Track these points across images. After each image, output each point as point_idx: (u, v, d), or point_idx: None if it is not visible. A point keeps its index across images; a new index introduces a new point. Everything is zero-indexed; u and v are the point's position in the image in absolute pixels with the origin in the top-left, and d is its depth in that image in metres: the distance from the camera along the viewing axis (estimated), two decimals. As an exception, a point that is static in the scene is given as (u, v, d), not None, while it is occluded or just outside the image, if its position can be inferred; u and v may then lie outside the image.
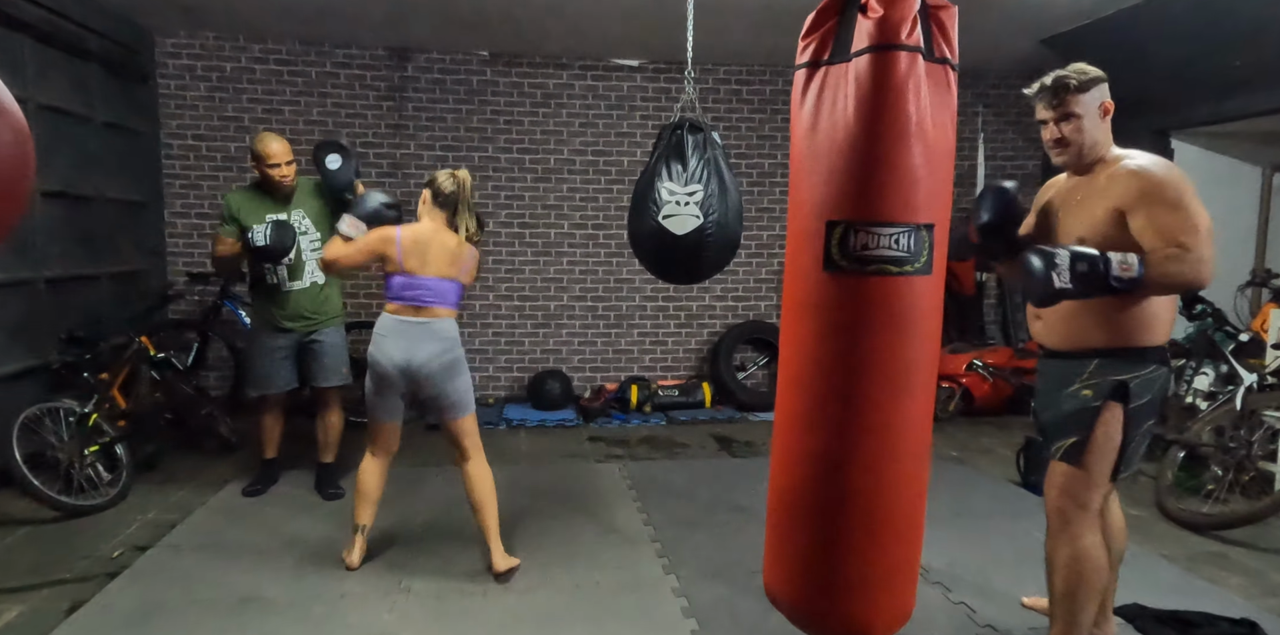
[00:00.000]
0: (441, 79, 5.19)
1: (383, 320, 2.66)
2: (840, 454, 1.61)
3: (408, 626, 2.38)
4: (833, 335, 1.57)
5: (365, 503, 2.76)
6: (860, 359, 1.55)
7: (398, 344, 2.61)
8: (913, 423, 1.60)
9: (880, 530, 1.63)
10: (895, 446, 1.60)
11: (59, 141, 3.93)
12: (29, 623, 2.37)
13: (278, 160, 3.24)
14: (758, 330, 5.58)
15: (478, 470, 2.75)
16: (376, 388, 2.66)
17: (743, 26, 4.51)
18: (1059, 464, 1.99)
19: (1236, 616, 2.39)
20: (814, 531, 1.67)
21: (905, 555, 1.68)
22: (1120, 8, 4.05)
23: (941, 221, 1.56)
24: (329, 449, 3.55)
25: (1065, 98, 1.92)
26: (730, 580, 2.69)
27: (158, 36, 4.86)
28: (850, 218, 1.50)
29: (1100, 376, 1.93)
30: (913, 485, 1.64)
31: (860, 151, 1.47)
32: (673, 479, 3.84)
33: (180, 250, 5.05)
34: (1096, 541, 1.97)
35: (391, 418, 2.72)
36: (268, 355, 3.38)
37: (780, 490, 1.76)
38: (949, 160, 1.56)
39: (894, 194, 1.48)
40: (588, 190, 5.43)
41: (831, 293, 1.55)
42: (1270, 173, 4.82)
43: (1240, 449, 3.27)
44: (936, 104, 1.49)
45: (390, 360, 2.61)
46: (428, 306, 2.63)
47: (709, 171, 2.66)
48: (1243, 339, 3.79)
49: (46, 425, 3.26)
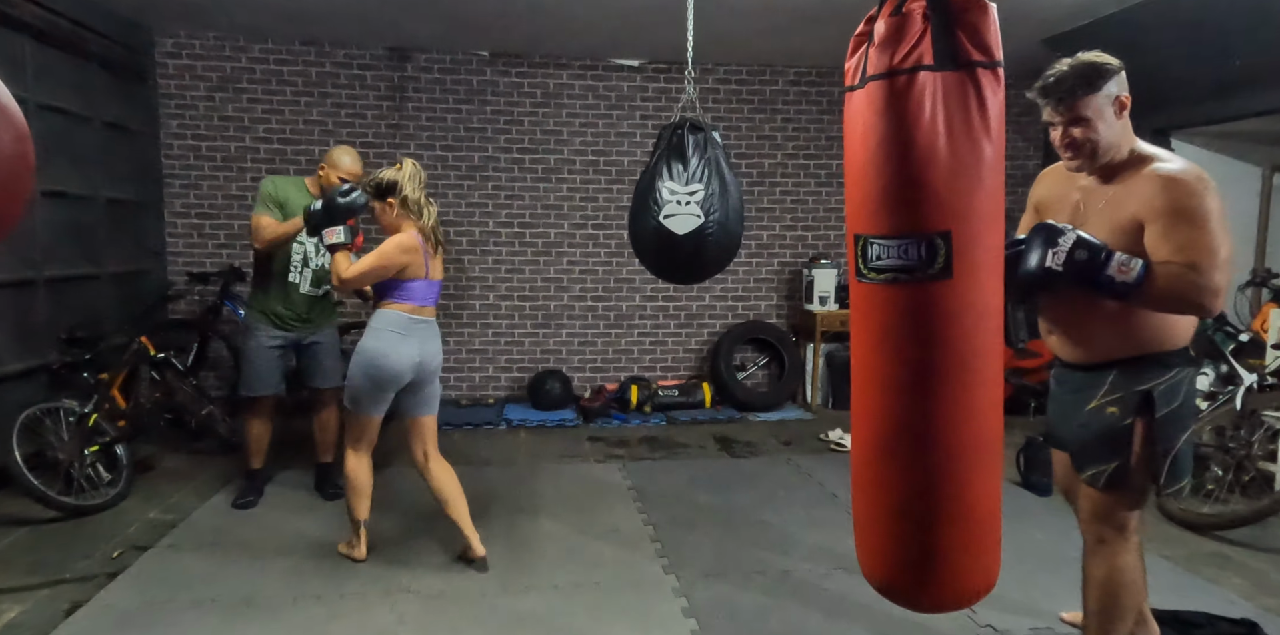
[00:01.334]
0: (441, 79, 5.19)
1: (394, 318, 2.64)
2: (874, 450, 1.68)
3: (408, 626, 2.38)
4: (864, 339, 1.68)
5: (363, 498, 2.77)
6: (887, 360, 1.63)
7: (414, 343, 2.65)
8: (938, 423, 1.61)
9: (914, 515, 1.65)
10: (921, 443, 1.61)
11: (59, 141, 3.93)
12: (29, 623, 2.37)
13: (347, 176, 3.19)
14: (758, 330, 5.58)
15: (442, 466, 2.82)
16: (378, 384, 2.65)
17: (743, 26, 4.51)
18: (1095, 491, 1.88)
19: (1236, 616, 2.40)
20: (868, 507, 1.72)
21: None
22: (1120, 8, 4.05)
23: (965, 224, 1.56)
24: (328, 448, 3.55)
25: (1073, 102, 1.74)
26: (730, 580, 2.69)
27: (158, 36, 4.86)
28: (867, 232, 1.60)
29: (1123, 389, 1.82)
30: (942, 480, 1.64)
31: (870, 172, 1.59)
32: (673, 479, 3.84)
33: (180, 250, 5.05)
34: (1133, 561, 1.90)
35: (382, 412, 2.75)
36: (263, 354, 3.36)
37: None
38: (976, 165, 1.54)
39: (901, 208, 1.57)
40: (588, 190, 5.43)
41: (863, 300, 1.66)
42: (1270, 173, 4.82)
43: (1240, 449, 3.27)
44: (954, 112, 1.52)
45: (408, 358, 2.64)
46: (431, 306, 2.75)
47: (710, 171, 2.67)
48: (1243, 339, 3.78)
49: (46, 425, 3.26)
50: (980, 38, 1.54)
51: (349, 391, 2.69)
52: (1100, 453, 1.86)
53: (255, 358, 3.37)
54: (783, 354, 5.56)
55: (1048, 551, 2.91)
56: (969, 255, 1.56)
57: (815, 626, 2.40)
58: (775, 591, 2.62)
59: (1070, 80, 1.75)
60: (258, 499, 3.49)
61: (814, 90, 5.57)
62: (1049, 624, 2.39)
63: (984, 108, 1.53)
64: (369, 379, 2.64)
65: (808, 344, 5.50)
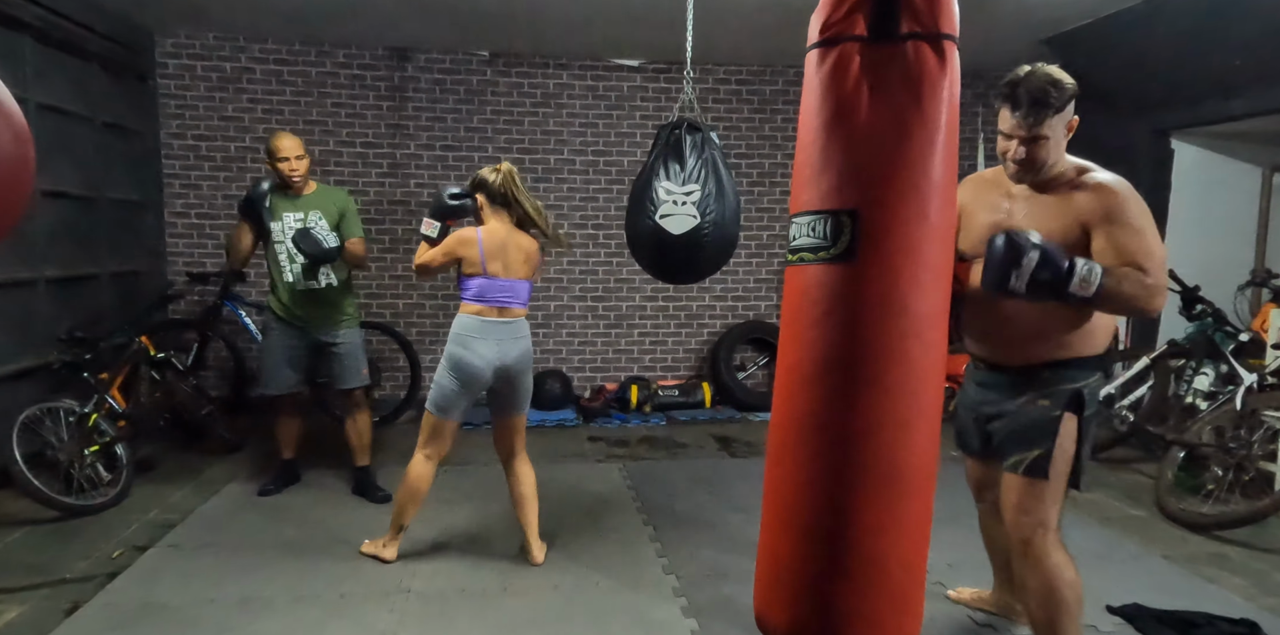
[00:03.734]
0: (441, 79, 5.19)
1: (466, 322, 2.67)
2: (775, 448, 1.69)
3: (408, 627, 2.38)
4: (785, 326, 1.67)
5: (414, 503, 2.76)
6: (795, 347, 1.60)
7: (489, 345, 2.65)
8: (829, 427, 1.53)
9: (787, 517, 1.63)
10: (813, 442, 1.56)
11: (59, 141, 3.93)
12: (29, 623, 2.37)
13: (286, 154, 3.28)
14: (758, 330, 5.58)
15: (525, 467, 2.84)
16: (462, 388, 2.66)
17: (743, 27, 4.50)
18: (1016, 478, 1.92)
19: (1236, 616, 2.40)
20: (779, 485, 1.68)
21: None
22: (1120, 8, 4.05)
23: (876, 207, 1.49)
24: (364, 452, 3.51)
25: (1041, 121, 1.77)
26: (730, 580, 2.69)
27: (158, 36, 4.86)
28: (791, 210, 1.62)
29: (1054, 384, 1.89)
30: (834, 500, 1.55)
31: (798, 146, 1.60)
32: (673, 479, 3.84)
33: (180, 250, 5.05)
34: (1064, 558, 1.93)
35: (460, 418, 2.74)
36: (278, 353, 3.37)
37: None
38: (885, 141, 1.47)
39: (809, 183, 1.54)
40: (588, 190, 5.43)
41: (786, 283, 1.65)
42: (1270, 173, 4.82)
43: (1240, 449, 3.27)
44: (875, 87, 1.46)
45: (485, 360, 2.64)
46: (509, 307, 2.69)
47: (707, 171, 2.67)
48: (1243, 339, 3.79)
49: (46, 425, 3.26)
50: (918, 10, 1.47)
51: (433, 395, 2.70)
52: (1025, 441, 1.92)
53: (270, 355, 3.40)
54: (783, 354, 5.55)
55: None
56: (881, 239, 1.46)
57: (815, 626, 2.40)
58: (775, 591, 2.62)
59: (1045, 98, 1.77)
60: (281, 488, 3.53)
61: (814, 90, 5.56)
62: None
63: (915, 81, 1.45)
64: (454, 382, 2.66)
65: (808, 344, 5.49)
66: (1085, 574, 2.72)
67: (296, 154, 3.30)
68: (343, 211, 3.39)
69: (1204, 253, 4.63)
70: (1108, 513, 3.39)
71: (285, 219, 3.31)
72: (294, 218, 3.32)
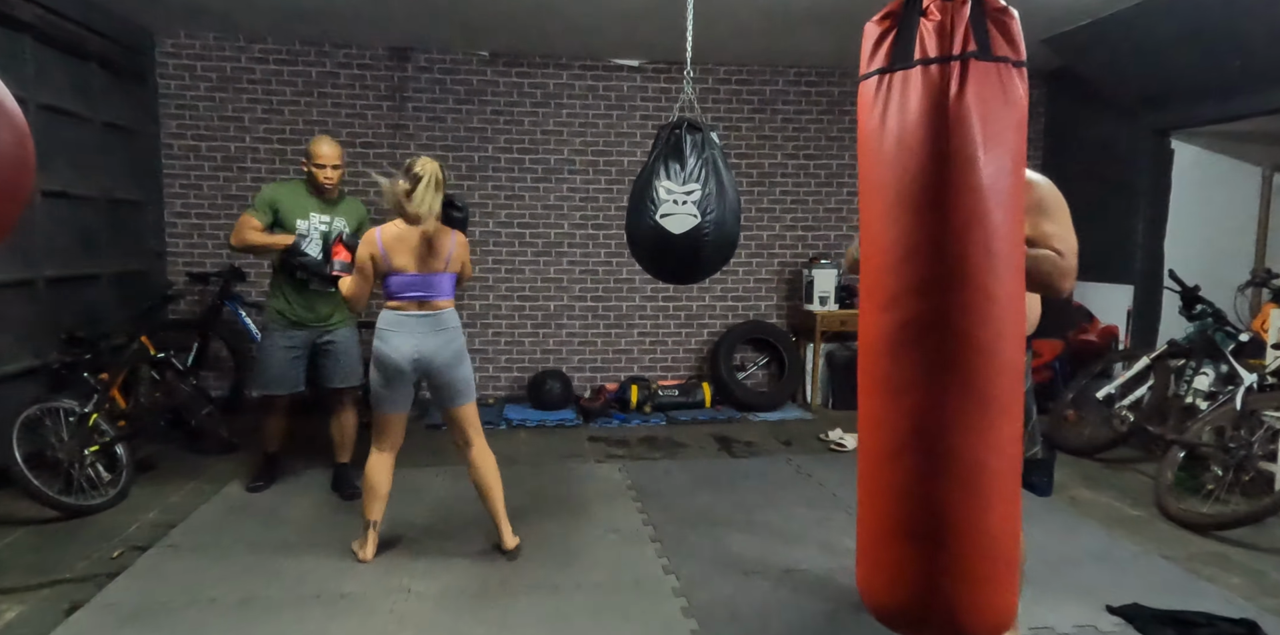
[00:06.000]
0: (441, 79, 5.19)
1: (385, 316, 2.72)
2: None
3: (408, 627, 2.38)
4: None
5: (376, 498, 2.81)
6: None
7: (405, 338, 2.69)
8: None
9: None
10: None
11: (59, 141, 3.93)
12: (29, 623, 2.37)
13: (325, 162, 3.31)
14: (758, 330, 5.58)
15: (482, 456, 2.87)
16: (386, 381, 2.73)
17: (743, 27, 4.51)
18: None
19: (1236, 616, 2.40)
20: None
21: None
22: (1120, 8, 4.05)
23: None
24: (345, 449, 3.56)
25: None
26: (730, 580, 2.70)
27: (158, 36, 4.86)
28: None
29: None
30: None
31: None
32: (673, 479, 3.84)
33: (180, 250, 5.05)
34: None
35: (399, 409, 2.79)
36: (281, 355, 3.38)
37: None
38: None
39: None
40: (588, 190, 5.43)
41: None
42: (1270, 173, 4.82)
43: (1240, 449, 3.27)
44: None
45: (401, 353, 2.68)
46: (428, 300, 2.72)
47: (707, 171, 2.66)
48: (1243, 339, 3.79)
49: (46, 425, 3.26)
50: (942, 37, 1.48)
51: (371, 391, 2.78)
52: None
53: (270, 357, 3.40)
54: (783, 354, 5.56)
55: (1047, 551, 2.91)
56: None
57: (816, 627, 2.40)
58: (775, 591, 2.62)
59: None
60: (269, 484, 3.55)
61: (814, 90, 5.57)
62: (1049, 624, 2.39)
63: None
64: (378, 375, 2.74)
65: (808, 344, 5.50)
66: (1085, 574, 2.73)
67: (335, 163, 3.34)
68: (360, 223, 3.47)
69: (1204, 253, 4.64)
70: (1108, 513, 3.39)
71: (312, 219, 3.36)
72: (320, 220, 3.37)
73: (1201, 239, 4.70)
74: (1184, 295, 4.00)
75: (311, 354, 3.45)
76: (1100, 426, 4.24)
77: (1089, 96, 5.10)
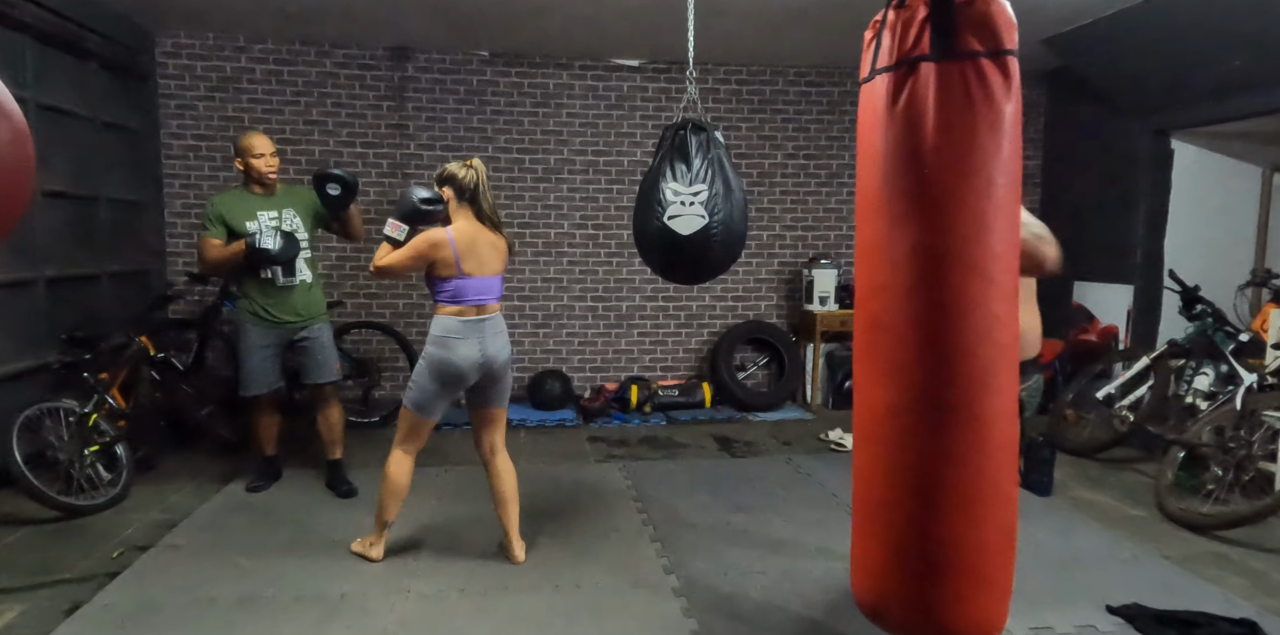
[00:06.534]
0: (441, 79, 5.19)
1: (447, 323, 2.63)
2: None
3: (408, 627, 2.37)
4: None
5: (398, 501, 2.76)
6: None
7: (473, 344, 2.64)
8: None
9: None
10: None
11: (59, 141, 3.93)
12: (29, 623, 2.37)
13: (263, 150, 3.29)
14: (758, 330, 5.57)
15: (506, 464, 2.85)
16: (443, 387, 2.66)
17: (743, 27, 4.51)
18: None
19: (1236, 616, 2.40)
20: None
21: None
22: (1120, 8, 4.05)
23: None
24: (336, 445, 3.56)
25: None
26: (730, 580, 2.69)
27: (158, 36, 4.86)
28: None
29: None
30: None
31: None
32: (673, 479, 3.83)
33: (180, 250, 5.05)
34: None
35: (440, 416, 2.75)
36: (256, 353, 3.38)
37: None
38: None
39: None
40: (588, 190, 5.43)
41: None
42: (1270, 173, 4.82)
43: (1240, 449, 3.26)
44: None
45: (469, 361, 2.64)
46: (487, 304, 2.70)
47: (713, 171, 2.66)
48: (1243, 339, 3.79)
49: (46, 425, 3.26)
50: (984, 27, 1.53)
51: (412, 394, 2.69)
52: None
53: (248, 358, 3.40)
54: (783, 354, 5.56)
55: (1048, 551, 2.91)
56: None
57: (816, 626, 2.40)
58: (775, 591, 2.62)
59: None
60: (269, 484, 3.56)
61: (814, 90, 5.57)
62: (1049, 624, 2.39)
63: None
64: (436, 383, 2.65)
65: (808, 344, 5.50)
66: (1085, 574, 2.73)
67: (272, 151, 3.33)
68: (313, 203, 3.41)
69: (1204, 253, 4.64)
70: (1108, 513, 3.39)
71: (260, 218, 3.32)
72: (268, 216, 3.33)
73: (1201, 239, 4.70)
74: (1184, 295, 3.99)
75: (289, 352, 3.45)
76: (1100, 426, 4.24)
77: (1089, 96, 5.10)
